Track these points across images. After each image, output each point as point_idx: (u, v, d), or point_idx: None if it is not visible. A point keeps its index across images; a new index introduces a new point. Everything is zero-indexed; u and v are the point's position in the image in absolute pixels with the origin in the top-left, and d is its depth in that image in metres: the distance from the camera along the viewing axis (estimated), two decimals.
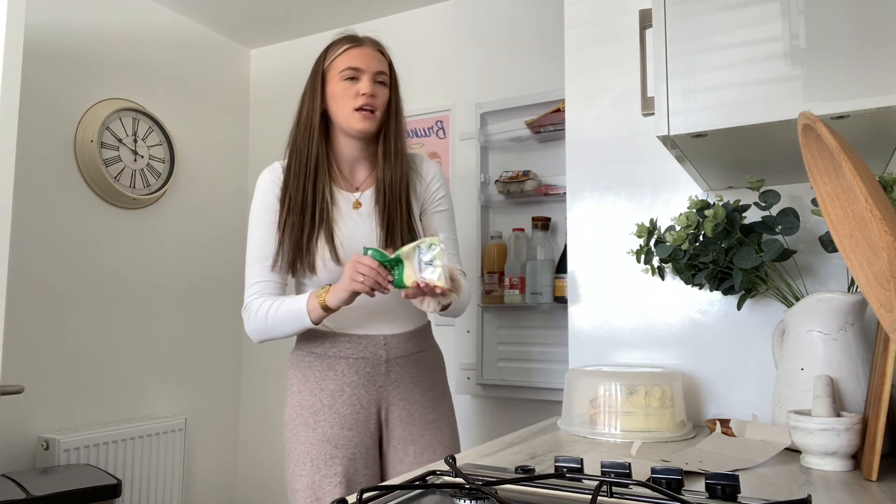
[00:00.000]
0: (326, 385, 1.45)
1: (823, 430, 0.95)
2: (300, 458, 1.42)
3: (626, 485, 0.77)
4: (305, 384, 1.46)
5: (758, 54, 0.94)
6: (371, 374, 1.46)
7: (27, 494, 1.77)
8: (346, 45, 1.47)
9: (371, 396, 1.46)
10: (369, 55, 1.47)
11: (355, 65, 1.45)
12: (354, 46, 1.47)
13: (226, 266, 2.94)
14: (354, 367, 1.45)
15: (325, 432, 1.42)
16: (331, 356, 1.46)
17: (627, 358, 1.48)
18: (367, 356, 1.46)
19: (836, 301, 1.08)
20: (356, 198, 1.50)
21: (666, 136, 0.99)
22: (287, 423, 1.47)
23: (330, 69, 1.48)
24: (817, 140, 0.83)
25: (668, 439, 1.20)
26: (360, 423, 1.45)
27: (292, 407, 1.47)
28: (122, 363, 2.49)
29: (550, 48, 2.24)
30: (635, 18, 1.51)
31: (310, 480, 1.40)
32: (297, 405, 1.46)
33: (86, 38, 2.42)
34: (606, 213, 1.53)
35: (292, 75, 2.97)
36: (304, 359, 1.49)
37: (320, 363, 1.46)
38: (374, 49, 1.49)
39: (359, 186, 1.52)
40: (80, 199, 2.38)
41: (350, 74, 1.45)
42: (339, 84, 1.45)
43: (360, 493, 0.69)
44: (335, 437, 1.42)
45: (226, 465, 2.90)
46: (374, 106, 1.45)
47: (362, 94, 1.44)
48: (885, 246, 0.70)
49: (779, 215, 1.18)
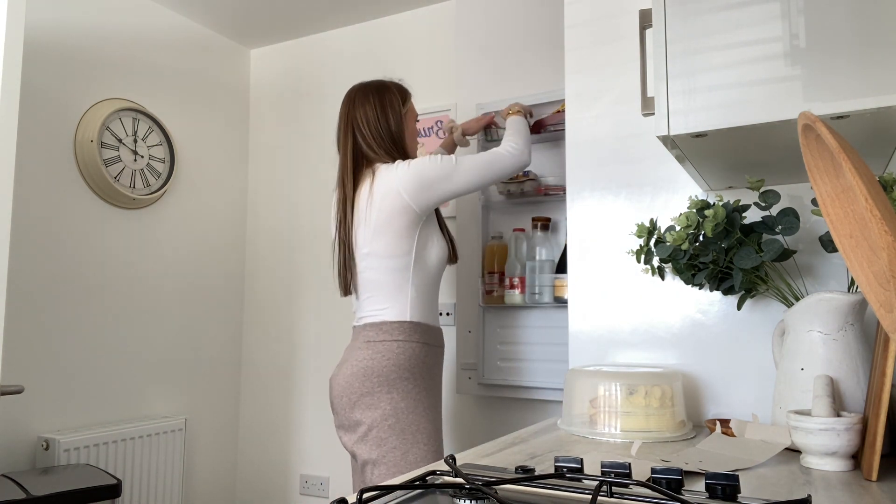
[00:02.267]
0: (435, 371, 1.76)
1: (823, 430, 0.95)
2: (433, 434, 1.67)
3: (626, 485, 0.77)
4: (425, 370, 1.71)
5: (758, 54, 0.94)
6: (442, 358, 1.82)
7: (27, 494, 1.77)
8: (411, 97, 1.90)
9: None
10: None
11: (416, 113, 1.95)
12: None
13: (226, 266, 2.95)
14: (441, 353, 1.80)
15: (440, 411, 1.74)
16: (434, 345, 1.76)
17: (627, 358, 1.48)
18: (444, 344, 1.83)
19: (836, 301, 1.08)
20: None
21: (666, 136, 0.99)
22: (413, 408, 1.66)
23: (408, 114, 1.86)
24: (817, 140, 0.83)
25: (668, 439, 1.20)
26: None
27: (419, 391, 1.68)
28: (122, 363, 2.49)
29: (550, 48, 2.24)
30: (635, 18, 1.51)
31: (441, 454, 1.68)
32: (423, 389, 1.70)
33: (86, 38, 2.42)
34: (606, 213, 1.53)
35: (292, 75, 2.97)
36: (419, 349, 1.71)
37: (431, 352, 1.74)
38: None
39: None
40: (80, 199, 2.38)
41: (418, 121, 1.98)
42: (413, 123, 1.89)
43: (360, 493, 0.69)
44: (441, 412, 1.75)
45: (226, 465, 2.90)
46: None
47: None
48: (885, 246, 0.70)
49: (779, 215, 1.18)
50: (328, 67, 2.89)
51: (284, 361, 2.90)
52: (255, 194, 3.07)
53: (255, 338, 2.99)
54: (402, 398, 1.64)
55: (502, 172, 1.80)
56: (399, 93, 1.84)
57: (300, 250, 2.91)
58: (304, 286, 2.89)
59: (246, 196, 3.08)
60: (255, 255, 3.03)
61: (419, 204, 1.71)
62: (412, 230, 1.71)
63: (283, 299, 2.93)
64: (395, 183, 1.70)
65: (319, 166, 2.90)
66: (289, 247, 2.95)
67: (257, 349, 2.98)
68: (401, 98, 1.83)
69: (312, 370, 2.83)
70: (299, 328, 2.88)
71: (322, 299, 2.83)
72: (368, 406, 1.64)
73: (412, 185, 1.69)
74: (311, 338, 2.84)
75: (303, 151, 2.95)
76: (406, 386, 1.66)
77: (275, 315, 2.95)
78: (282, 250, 2.96)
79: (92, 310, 2.39)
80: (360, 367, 1.66)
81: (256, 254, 3.03)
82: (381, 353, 1.66)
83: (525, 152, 1.83)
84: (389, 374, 1.65)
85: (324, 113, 2.89)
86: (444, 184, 1.72)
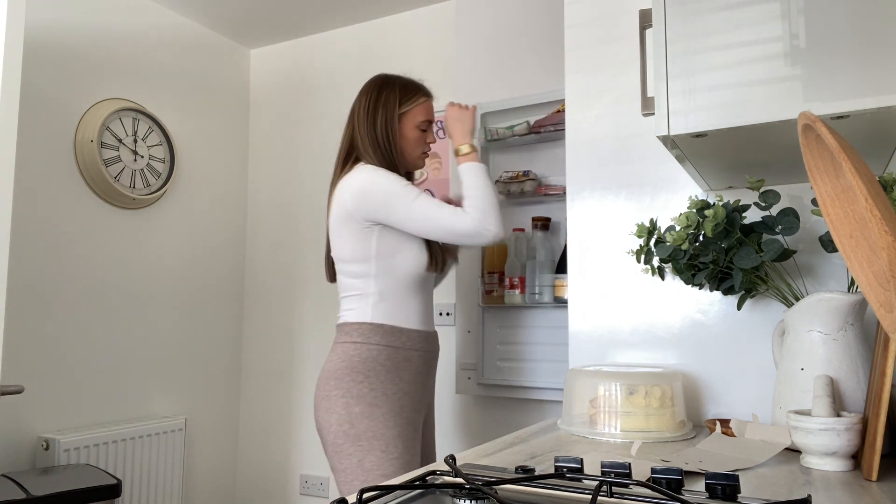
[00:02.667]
0: (405, 375, 1.62)
1: (823, 430, 0.95)
2: (393, 441, 1.54)
3: (626, 485, 0.77)
4: (387, 374, 1.59)
5: (758, 54, 0.94)
6: (432, 364, 1.70)
7: (27, 494, 1.77)
8: (423, 98, 1.73)
9: (430, 385, 1.70)
10: (433, 107, 1.76)
11: (429, 118, 1.73)
12: (428, 100, 1.75)
13: (226, 266, 2.95)
14: (423, 358, 1.66)
15: (409, 417, 1.60)
16: (407, 348, 1.63)
17: (627, 358, 1.48)
18: (430, 349, 1.69)
19: (836, 301, 1.08)
20: None
21: (666, 136, 0.99)
22: (368, 413, 1.55)
23: (408, 116, 1.70)
24: (817, 140, 0.83)
25: (668, 439, 1.20)
26: (425, 408, 1.69)
27: (376, 396, 1.57)
28: (122, 363, 2.49)
29: (550, 48, 2.24)
30: (635, 18, 1.51)
31: (404, 461, 1.55)
32: (381, 394, 1.57)
33: (86, 38, 2.42)
34: (606, 213, 1.53)
35: (292, 75, 2.97)
36: (381, 352, 1.60)
37: (398, 355, 1.61)
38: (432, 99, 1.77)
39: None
40: (80, 199, 2.38)
41: (424, 127, 1.72)
42: (413, 131, 1.71)
43: (360, 492, 0.69)
44: (414, 420, 1.62)
45: (226, 465, 2.90)
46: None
47: (430, 143, 1.75)
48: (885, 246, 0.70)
49: (779, 215, 1.18)
50: (328, 67, 2.89)
51: (284, 361, 2.90)
52: (255, 194, 3.07)
53: (255, 337, 2.99)
54: (357, 402, 1.54)
55: (450, 238, 1.57)
56: (402, 91, 1.70)
57: (300, 250, 2.91)
58: (304, 286, 2.89)
59: (246, 196, 3.08)
60: (254, 254, 3.03)
61: (362, 216, 1.57)
62: (365, 237, 1.58)
63: (283, 299, 2.93)
64: (347, 186, 1.59)
65: (319, 166, 2.90)
66: (289, 246, 2.95)
67: (257, 349, 2.98)
68: (400, 97, 1.69)
69: (312, 370, 2.83)
70: (299, 328, 2.88)
71: (322, 299, 2.83)
72: (326, 410, 1.56)
73: (358, 195, 1.57)
74: (311, 338, 2.84)
75: (303, 151, 2.95)
76: (360, 390, 1.55)
77: (275, 315, 2.95)
78: (282, 250, 2.96)
79: (92, 310, 2.39)
80: (323, 370, 1.61)
81: (256, 253, 3.03)
82: (337, 356, 1.59)
83: (486, 223, 1.55)
84: (343, 377, 1.56)
85: (324, 113, 2.89)
86: (384, 211, 1.56)
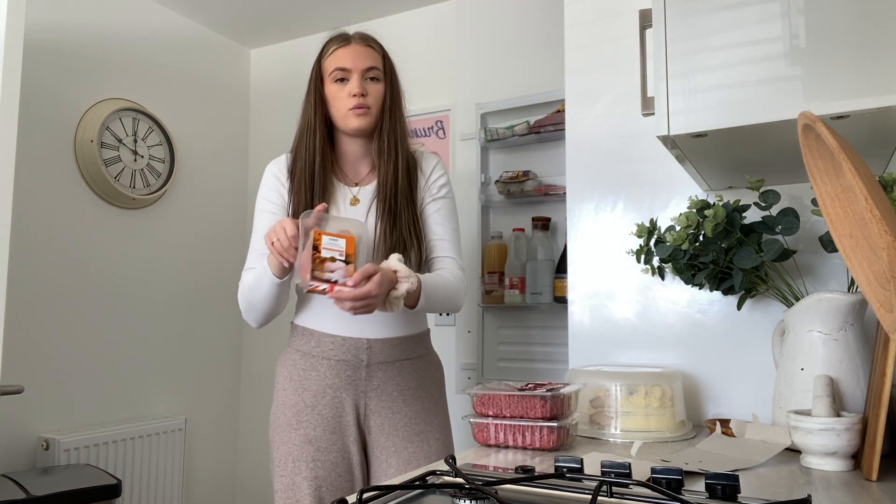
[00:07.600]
0: (309, 385, 1.43)
1: (823, 430, 0.95)
2: (282, 458, 1.40)
3: (626, 485, 0.77)
4: (290, 383, 1.44)
5: (758, 54, 0.94)
6: (352, 377, 1.43)
7: (27, 494, 1.77)
8: (335, 46, 1.47)
9: (352, 400, 1.43)
10: (357, 53, 1.46)
11: (344, 65, 1.45)
12: (342, 46, 1.46)
13: (226, 266, 2.94)
14: (336, 368, 1.43)
15: (308, 433, 1.40)
16: (314, 355, 1.44)
17: (627, 358, 1.48)
18: (348, 358, 1.43)
19: (836, 301, 1.08)
20: (354, 194, 1.50)
21: (666, 136, 0.99)
22: (271, 422, 1.46)
23: (323, 71, 1.48)
24: (817, 140, 0.83)
25: (668, 439, 1.20)
26: (342, 426, 1.42)
27: (277, 406, 1.45)
28: (122, 363, 2.49)
29: (550, 48, 2.24)
30: (635, 18, 1.51)
31: (290, 481, 1.38)
32: (281, 404, 1.44)
33: (86, 38, 2.42)
34: (606, 212, 1.53)
35: (292, 75, 2.97)
36: (290, 357, 1.47)
37: (304, 362, 1.45)
38: (363, 45, 1.48)
39: (358, 182, 1.52)
40: (80, 199, 2.38)
41: (340, 76, 1.45)
42: (332, 86, 1.46)
43: (360, 492, 0.69)
44: (317, 438, 1.40)
45: (226, 465, 2.90)
46: (367, 104, 1.45)
47: (353, 95, 1.44)
48: (885, 246, 0.70)
49: (779, 215, 1.18)
50: None
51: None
52: (255, 194, 3.06)
53: (255, 337, 2.99)
54: (273, 411, 1.47)
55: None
56: (320, 53, 1.51)
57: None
58: None
59: (246, 196, 3.08)
60: None
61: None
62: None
63: None
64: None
65: None
66: None
67: (257, 349, 2.98)
68: (318, 58, 1.51)
69: None
70: None
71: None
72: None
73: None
74: None
75: None
76: (274, 396, 1.47)
77: None
78: None
79: (92, 310, 2.39)
80: None
81: None
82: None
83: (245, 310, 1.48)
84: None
85: None
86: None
